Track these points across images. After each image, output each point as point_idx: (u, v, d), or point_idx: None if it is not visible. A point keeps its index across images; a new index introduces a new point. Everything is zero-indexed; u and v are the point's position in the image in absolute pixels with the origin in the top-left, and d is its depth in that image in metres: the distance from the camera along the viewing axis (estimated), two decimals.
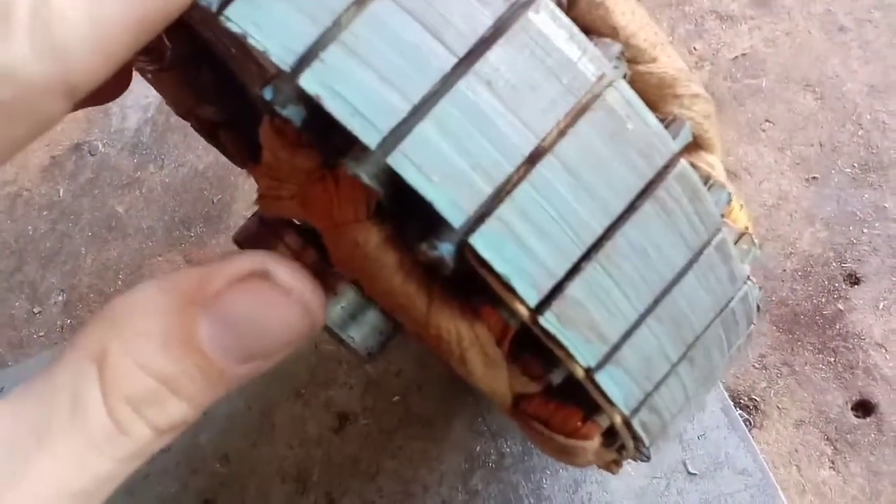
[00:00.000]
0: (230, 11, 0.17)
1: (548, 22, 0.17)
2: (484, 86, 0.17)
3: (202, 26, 0.24)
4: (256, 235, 0.27)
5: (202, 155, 0.48)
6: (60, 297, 0.44)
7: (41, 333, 0.43)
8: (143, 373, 0.15)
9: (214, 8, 0.17)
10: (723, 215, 0.21)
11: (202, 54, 0.27)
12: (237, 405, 0.41)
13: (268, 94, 0.17)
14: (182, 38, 0.26)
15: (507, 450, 0.35)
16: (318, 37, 0.16)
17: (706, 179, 0.20)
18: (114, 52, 0.15)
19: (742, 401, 0.36)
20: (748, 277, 0.22)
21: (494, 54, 0.17)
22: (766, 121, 0.42)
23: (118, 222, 0.46)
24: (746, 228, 0.21)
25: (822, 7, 0.47)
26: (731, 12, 0.47)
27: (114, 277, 0.44)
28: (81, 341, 0.15)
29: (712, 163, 0.20)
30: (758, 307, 0.24)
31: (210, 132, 0.32)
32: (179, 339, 0.15)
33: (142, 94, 0.50)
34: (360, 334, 0.26)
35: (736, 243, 0.21)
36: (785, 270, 0.38)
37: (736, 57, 0.45)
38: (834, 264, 0.38)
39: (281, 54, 0.16)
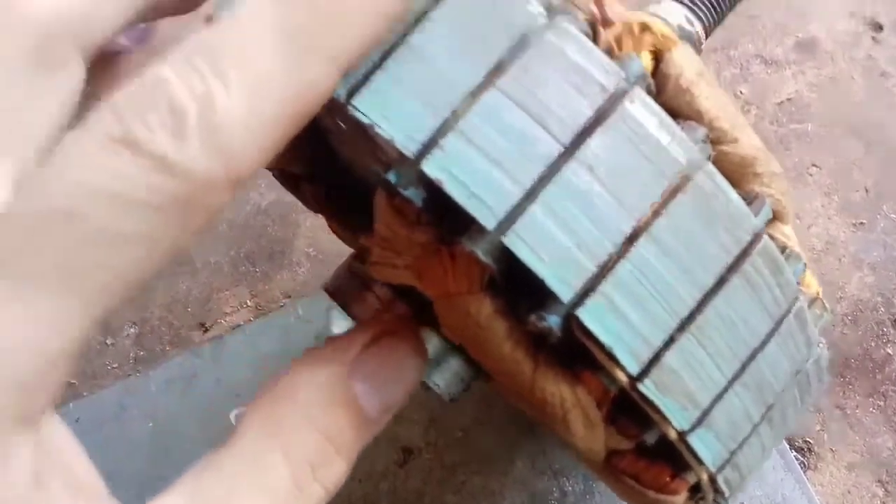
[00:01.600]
0: (358, 102, 0.18)
1: (641, 111, 0.19)
2: (586, 171, 0.18)
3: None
4: (347, 285, 0.29)
5: (265, 193, 0.50)
6: (132, 330, 0.46)
7: (114, 365, 0.45)
8: (319, 437, 0.17)
9: (343, 98, 0.18)
10: (798, 283, 0.22)
11: None
12: None
13: (392, 177, 0.19)
14: None
15: (570, 488, 0.36)
16: (438, 126, 0.18)
17: (783, 249, 0.22)
18: (269, 147, 0.17)
19: (797, 443, 0.37)
20: (820, 340, 0.23)
21: (595, 142, 0.18)
22: (813, 165, 0.44)
23: (187, 257, 0.48)
24: (818, 294, 0.23)
25: (864, 53, 0.48)
26: (775, 57, 0.49)
27: (183, 311, 0.46)
28: (254, 420, 0.17)
29: (788, 233, 0.22)
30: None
31: (292, 183, 0.34)
32: (341, 402, 0.17)
33: None
34: (444, 380, 0.28)
35: (809, 308, 0.23)
36: (835, 315, 0.39)
37: (781, 101, 0.47)
38: (882, 309, 0.39)
39: (405, 143, 0.18)
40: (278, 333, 0.46)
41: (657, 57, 0.21)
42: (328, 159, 0.31)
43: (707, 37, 0.36)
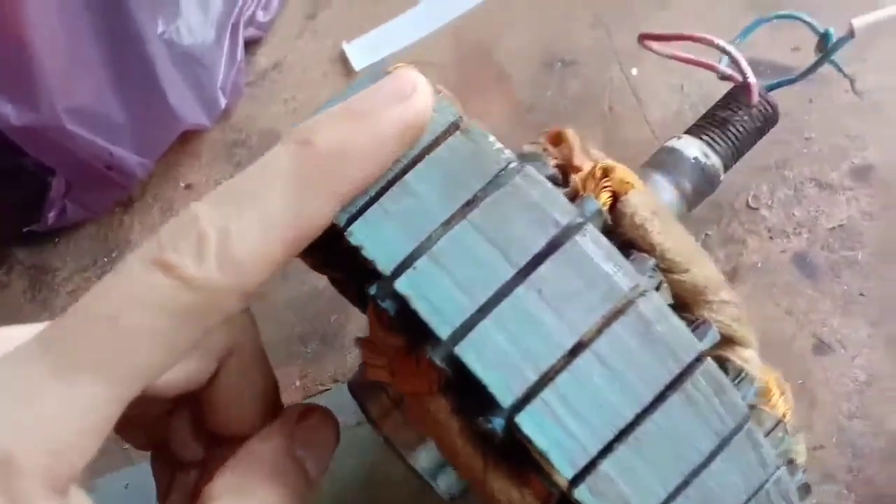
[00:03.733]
0: (353, 228, 0.22)
1: (590, 244, 0.21)
2: (535, 292, 0.21)
3: None
4: (365, 385, 0.32)
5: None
6: None
7: None
8: (281, 495, 0.21)
9: (342, 225, 0.22)
10: (753, 406, 0.23)
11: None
12: None
13: (372, 290, 0.22)
14: None
15: None
16: (413, 249, 0.22)
17: (739, 372, 0.23)
18: (273, 265, 0.20)
19: None
20: (791, 461, 0.24)
21: (545, 268, 0.21)
22: (861, 294, 0.43)
23: None
24: (784, 416, 0.23)
25: None
26: (830, 181, 0.49)
27: None
28: (225, 485, 0.21)
29: (747, 357, 0.23)
30: (807, 488, 0.25)
31: (340, 286, 0.38)
32: (292, 468, 0.22)
33: None
34: (446, 482, 0.30)
35: (772, 430, 0.23)
36: (872, 450, 0.38)
37: (833, 227, 0.47)
38: None
39: (384, 263, 0.22)
40: None
41: (617, 197, 0.23)
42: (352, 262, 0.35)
43: (726, 170, 0.38)
